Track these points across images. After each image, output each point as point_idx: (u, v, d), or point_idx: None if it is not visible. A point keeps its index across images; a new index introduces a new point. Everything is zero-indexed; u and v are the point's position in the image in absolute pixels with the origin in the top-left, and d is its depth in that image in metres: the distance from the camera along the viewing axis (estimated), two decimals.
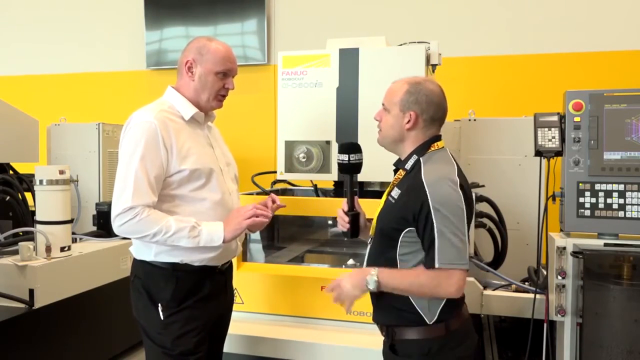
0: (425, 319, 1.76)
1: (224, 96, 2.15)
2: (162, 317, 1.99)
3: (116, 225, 1.92)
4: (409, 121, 1.82)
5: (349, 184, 2.03)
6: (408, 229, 1.74)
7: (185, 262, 2.00)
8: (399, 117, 1.83)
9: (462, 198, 1.71)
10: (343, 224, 2.03)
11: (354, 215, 2.01)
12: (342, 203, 2.05)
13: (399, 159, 1.89)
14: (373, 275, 1.74)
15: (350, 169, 2.01)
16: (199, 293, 2.04)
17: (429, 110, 1.81)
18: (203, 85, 2.07)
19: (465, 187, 1.78)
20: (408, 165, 1.83)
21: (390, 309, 1.83)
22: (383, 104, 1.90)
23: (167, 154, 1.95)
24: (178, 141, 1.98)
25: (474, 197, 1.91)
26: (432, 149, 1.83)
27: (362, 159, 2.02)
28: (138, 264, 2.07)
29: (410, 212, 1.73)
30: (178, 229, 1.92)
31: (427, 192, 1.70)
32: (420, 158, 1.81)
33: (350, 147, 2.01)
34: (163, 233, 1.91)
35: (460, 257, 1.68)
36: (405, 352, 1.80)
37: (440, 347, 1.76)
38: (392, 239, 1.78)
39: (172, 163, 1.96)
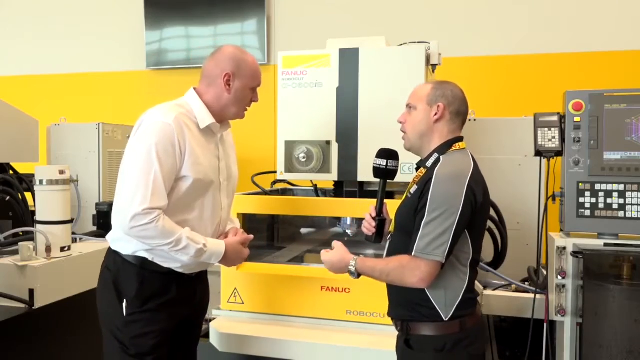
0: (441, 315, 1.78)
1: (249, 108, 2.17)
2: (124, 314, 1.99)
3: (131, 224, 1.87)
4: (436, 113, 1.88)
5: (381, 189, 2.04)
6: None
7: (155, 262, 1.99)
8: (427, 110, 1.90)
9: (465, 196, 1.73)
10: (369, 228, 2.04)
11: (381, 220, 2.02)
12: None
13: (421, 159, 1.93)
14: (352, 267, 1.88)
15: (384, 174, 2.03)
16: (164, 296, 2.03)
17: (454, 103, 1.90)
18: (239, 99, 2.08)
19: (482, 186, 1.81)
20: (429, 163, 1.87)
21: (406, 303, 1.86)
22: (408, 105, 1.96)
23: (181, 158, 1.95)
24: (190, 148, 1.97)
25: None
26: (454, 148, 1.88)
27: (397, 167, 2.04)
28: (111, 256, 2.06)
29: (418, 204, 1.79)
30: (186, 246, 1.93)
31: (432, 185, 1.75)
32: (441, 156, 1.85)
33: (390, 153, 2.03)
34: (172, 245, 1.91)
35: (432, 248, 1.71)
36: (420, 348, 1.82)
37: (455, 344, 1.78)
38: (409, 232, 1.80)
39: (182, 168, 1.96)
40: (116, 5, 5.63)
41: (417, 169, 1.96)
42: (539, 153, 2.48)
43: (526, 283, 2.83)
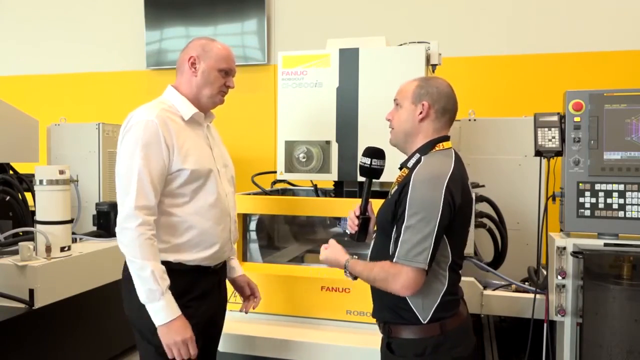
0: (420, 318, 1.76)
1: (225, 93, 2.15)
2: None
3: (119, 227, 1.88)
4: (421, 112, 1.84)
5: (366, 187, 2.03)
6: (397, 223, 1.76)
7: (179, 262, 1.99)
8: (411, 109, 1.86)
9: (444, 198, 1.69)
10: (352, 226, 2.03)
11: (364, 219, 2.01)
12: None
13: (404, 160, 1.90)
14: (346, 271, 1.87)
15: (369, 173, 2.01)
16: (192, 292, 2.03)
17: (440, 100, 1.84)
18: (206, 80, 2.07)
19: (460, 188, 1.76)
20: (410, 164, 1.84)
21: (387, 306, 1.84)
22: (395, 101, 1.93)
23: (169, 152, 1.94)
24: (178, 141, 1.97)
25: (473, 197, 1.91)
26: (437, 148, 1.84)
27: (383, 166, 2.01)
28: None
29: (396, 206, 1.76)
30: (146, 277, 1.85)
31: (410, 188, 1.72)
32: (423, 157, 1.82)
33: (375, 152, 2.01)
34: (137, 267, 1.86)
35: (414, 254, 1.68)
36: (401, 352, 1.81)
37: (436, 347, 1.75)
38: (388, 233, 1.79)
39: (173, 162, 1.96)
40: (116, 6, 5.63)
41: (400, 169, 1.93)
42: (539, 153, 2.48)
43: (526, 283, 2.83)
